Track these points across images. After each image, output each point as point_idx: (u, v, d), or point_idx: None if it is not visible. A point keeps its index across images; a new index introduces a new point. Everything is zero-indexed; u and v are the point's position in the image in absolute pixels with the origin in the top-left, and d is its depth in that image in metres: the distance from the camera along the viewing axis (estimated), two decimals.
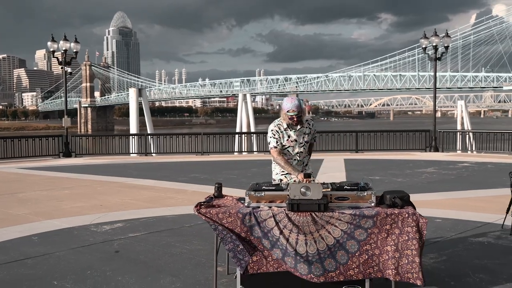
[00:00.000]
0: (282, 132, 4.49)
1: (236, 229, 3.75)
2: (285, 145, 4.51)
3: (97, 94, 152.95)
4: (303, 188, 3.70)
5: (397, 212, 3.65)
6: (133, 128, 31.83)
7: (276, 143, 4.47)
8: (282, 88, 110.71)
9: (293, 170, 4.36)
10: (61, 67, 21.63)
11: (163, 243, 5.74)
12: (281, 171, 4.58)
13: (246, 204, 3.83)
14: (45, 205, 8.34)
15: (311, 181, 3.93)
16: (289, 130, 4.50)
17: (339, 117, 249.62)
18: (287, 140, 4.50)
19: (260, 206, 3.80)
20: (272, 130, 4.50)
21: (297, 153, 4.54)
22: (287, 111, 4.39)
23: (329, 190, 3.81)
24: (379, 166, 14.52)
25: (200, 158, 18.51)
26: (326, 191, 3.78)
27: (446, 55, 25.59)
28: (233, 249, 3.72)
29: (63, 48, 20.85)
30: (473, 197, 8.85)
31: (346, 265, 3.64)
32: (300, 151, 4.55)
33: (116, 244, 5.74)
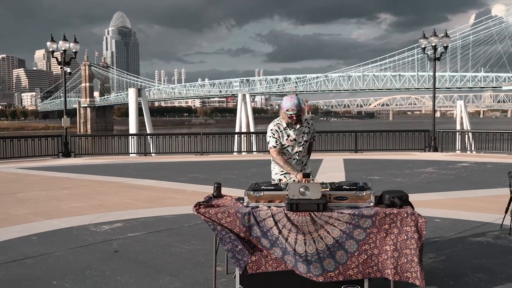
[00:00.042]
0: (282, 132, 4.49)
1: (235, 229, 3.75)
2: (285, 144, 4.50)
3: (97, 94, 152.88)
4: (302, 188, 3.70)
5: (396, 212, 3.65)
6: (133, 128, 31.84)
7: (276, 143, 4.47)
8: (282, 88, 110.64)
9: (292, 170, 4.36)
10: (61, 67, 21.62)
11: (162, 243, 5.74)
12: (281, 171, 4.58)
13: (245, 204, 3.83)
14: (44, 205, 8.34)
15: (310, 181, 3.93)
16: (289, 129, 4.50)
17: (339, 117, 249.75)
18: (287, 140, 4.50)
19: (259, 206, 3.80)
20: (272, 130, 4.50)
21: (296, 152, 4.54)
22: (287, 110, 4.39)
23: (328, 190, 3.81)
24: (379, 166, 14.52)
25: (200, 158, 18.51)
26: (325, 191, 3.78)
27: (445, 55, 25.59)
28: (232, 249, 3.72)
29: (63, 48, 20.83)
30: (472, 197, 8.86)
31: (346, 265, 3.64)
32: (299, 150, 4.55)
33: (115, 244, 5.74)
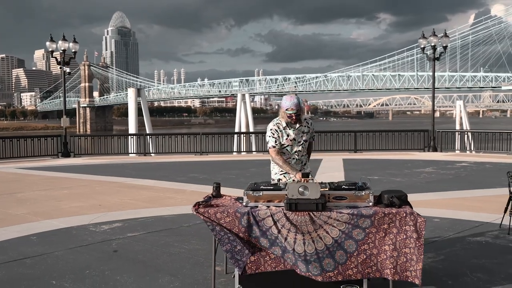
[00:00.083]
0: (282, 131, 4.50)
1: (234, 229, 3.75)
2: (284, 144, 4.51)
3: (96, 94, 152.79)
4: (301, 188, 3.70)
5: (395, 212, 3.66)
6: (132, 128, 31.86)
7: (275, 143, 4.47)
8: (281, 88, 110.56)
9: (291, 170, 4.37)
10: (60, 67, 21.60)
11: (162, 243, 5.75)
12: (280, 171, 4.59)
13: (244, 204, 3.83)
14: (44, 205, 8.34)
15: (309, 181, 3.94)
16: (288, 129, 4.50)
17: (338, 117, 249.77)
18: (286, 139, 4.50)
19: (258, 206, 3.80)
20: (271, 129, 4.50)
21: (296, 152, 4.55)
22: (286, 109, 4.40)
23: (327, 190, 3.82)
24: (378, 166, 14.53)
25: (199, 158, 18.51)
26: (324, 191, 3.79)
27: (445, 55, 25.62)
28: (231, 250, 3.72)
29: (62, 48, 20.83)
30: (471, 197, 8.87)
31: (345, 265, 3.64)
32: (299, 150, 4.56)
33: (115, 244, 5.74)
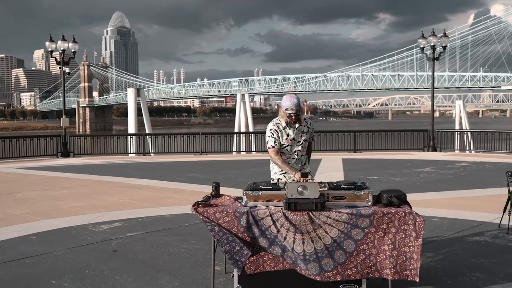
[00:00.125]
0: (281, 131, 4.50)
1: (233, 229, 3.76)
2: (284, 144, 4.51)
3: (96, 94, 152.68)
4: (300, 187, 3.71)
5: (394, 211, 3.66)
6: (132, 128, 31.81)
7: (274, 143, 4.47)
8: (281, 88, 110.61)
9: (291, 169, 4.37)
10: (59, 67, 21.62)
11: (161, 243, 5.75)
12: (280, 171, 4.59)
13: (244, 203, 3.84)
14: (43, 205, 8.34)
15: (309, 180, 3.94)
16: (288, 129, 4.50)
17: (338, 117, 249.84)
18: (286, 139, 4.50)
19: (258, 205, 3.81)
20: (271, 129, 4.50)
21: (295, 152, 4.55)
22: (286, 109, 4.40)
23: (326, 189, 3.82)
24: (377, 166, 14.54)
25: (199, 158, 18.51)
26: (323, 190, 3.79)
27: (444, 55, 25.63)
28: (230, 251, 3.72)
29: (61, 48, 20.83)
30: (471, 197, 8.87)
31: (344, 265, 3.65)
32: (298, 149, 4.56)
33: (114, 244, 5.75)
